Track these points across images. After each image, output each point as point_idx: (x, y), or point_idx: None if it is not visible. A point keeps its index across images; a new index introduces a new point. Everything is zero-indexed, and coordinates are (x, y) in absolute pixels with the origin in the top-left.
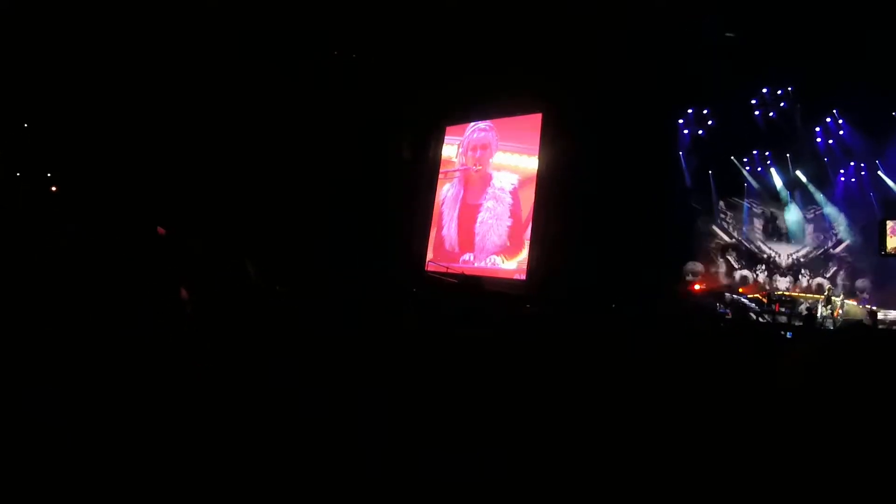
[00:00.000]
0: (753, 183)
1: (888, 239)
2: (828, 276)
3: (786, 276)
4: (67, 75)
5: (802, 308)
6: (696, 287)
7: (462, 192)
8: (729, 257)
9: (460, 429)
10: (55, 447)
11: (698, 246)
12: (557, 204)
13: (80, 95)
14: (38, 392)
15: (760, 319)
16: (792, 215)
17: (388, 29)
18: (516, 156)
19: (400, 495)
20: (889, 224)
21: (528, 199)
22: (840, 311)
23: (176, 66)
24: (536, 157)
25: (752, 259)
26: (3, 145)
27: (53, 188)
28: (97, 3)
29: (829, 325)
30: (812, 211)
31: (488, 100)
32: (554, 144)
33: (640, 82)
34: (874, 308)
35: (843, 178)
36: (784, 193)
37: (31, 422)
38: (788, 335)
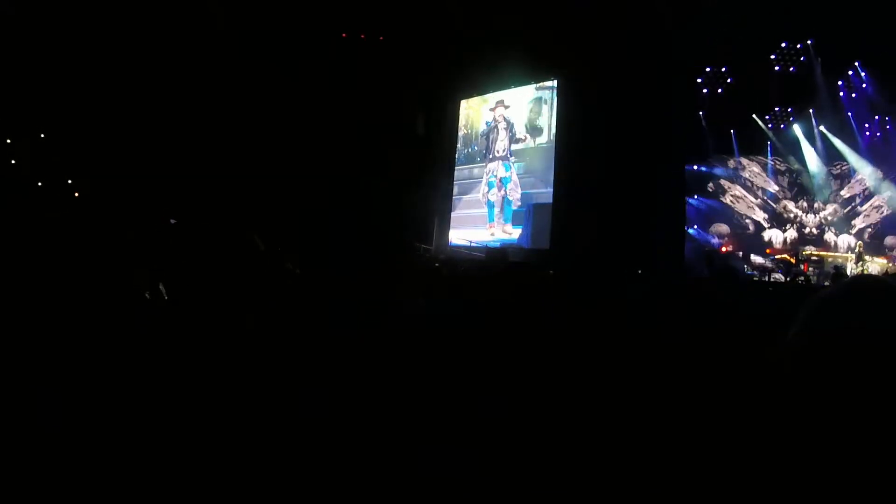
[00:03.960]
0: (776, 140)
1: None
2: (854, 233)
3: (813, 235)
4: (75, 79)
5: (830, 267)
6: (723, 249)
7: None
8: (754, 217)
9: (464, 422)
10: (55, 445)
11: (722, 207)
12: (576, 171)
13: (86, 98)
14: (38, 391)
15: (788, 280)
16: (817, 172)
17: (396, 5)
18: (534, 125)
19: (401, 494)
20: None
21: (549, 165)
22: (870, 270)
23: (181, 42)
24: (554, 124)
25: (778, 218)
26: (22, 156)
27: (76, 194)
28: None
29: None
30: (838, 167)
31: (502, 70)
32: (569, 111)
33: (656, 42)
34: None
35: (868, 133)
36: (809, 151)
37: (30, 420)
38: None
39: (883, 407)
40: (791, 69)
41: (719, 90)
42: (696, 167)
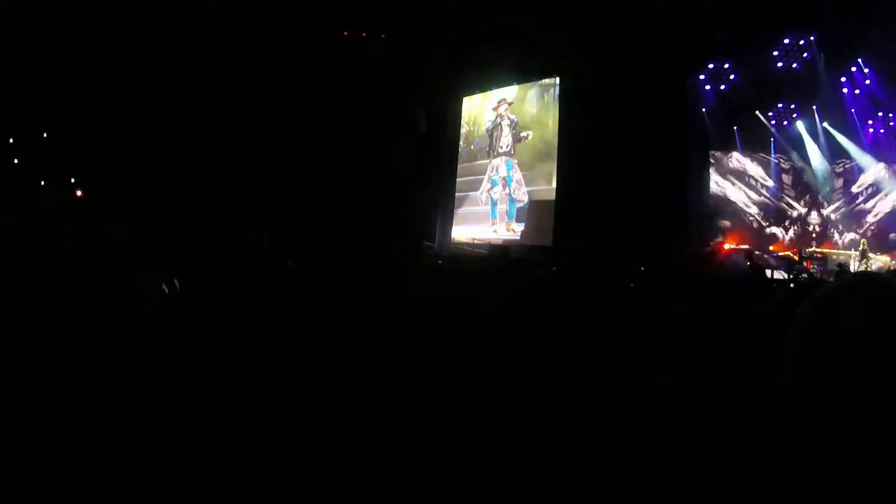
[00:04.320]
0: (780, 137)
1: None
2: (860, 231)
3: (816, 232)
4: (76, 79)
5: (834, 265)
6: (726, 246)
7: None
8: (758, 215)
9: (464, 422)
10: (55, 447)
11: (725, 204)
12: (579, 168)
13: (87, 97)
14: (39, 392)
15: (791, 277)
16: (821, 169)
17: (398, 3)
18: (537, 123)
19: (400, 495)
20: None
21: (552, 163)
22: (873, 267)
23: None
24: (557, 122)
25: (781, 216)
26: (23, 154)
27: (78, 192)
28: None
29: None
30: (841, 164)
31: (504, 67)
32: (571, 108)
33: (658, 38)
34: None
35: (871, 129)
36: (813, 147)
37: (31, 422)
38: None
39: (885, 407)
40: (794, 65)
41: (722, 87)
42: (698, 163)
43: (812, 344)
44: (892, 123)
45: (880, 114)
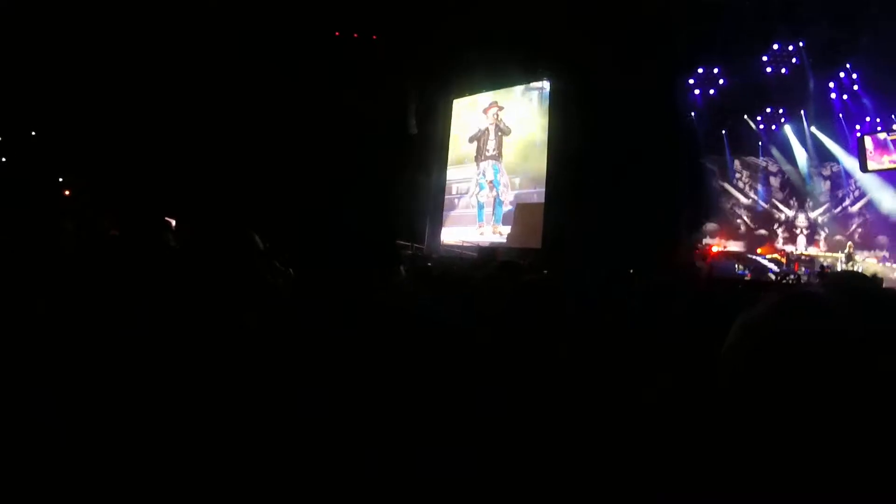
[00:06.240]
0: (768, 141)
1: (868, 161)
2: (846, 233)
3: (804, 235)
4: (72, 78)
5: (818, 267)
6: (714, 249)
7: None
8: (746, 218)
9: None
10: (55, 447)
11: (714, 207)
12: (568, 171)
13: (84, 97)
14: (38, 392)
15: (779, 279)
16: (808, 172)
17: (390, 5)
18: (526, 126)
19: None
20: (868, 141)
21: (540, 166)
22: (859, 270)
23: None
24: (546, 125)
25: (769, 219)
26: (13, 152)
27: (66, 192)
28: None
29: None
30: (829, 167)
31: (494, 71)
32: (561, 112)
33: (648, 43)
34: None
35: (858, 134)
36: (800, 151)
37: (31, 422)
38: None
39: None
40: (783, 71)
41: (711, 91)
42: (686, 167)
43: (741, 371)
44: (879, 128)
45: (867, 118)
